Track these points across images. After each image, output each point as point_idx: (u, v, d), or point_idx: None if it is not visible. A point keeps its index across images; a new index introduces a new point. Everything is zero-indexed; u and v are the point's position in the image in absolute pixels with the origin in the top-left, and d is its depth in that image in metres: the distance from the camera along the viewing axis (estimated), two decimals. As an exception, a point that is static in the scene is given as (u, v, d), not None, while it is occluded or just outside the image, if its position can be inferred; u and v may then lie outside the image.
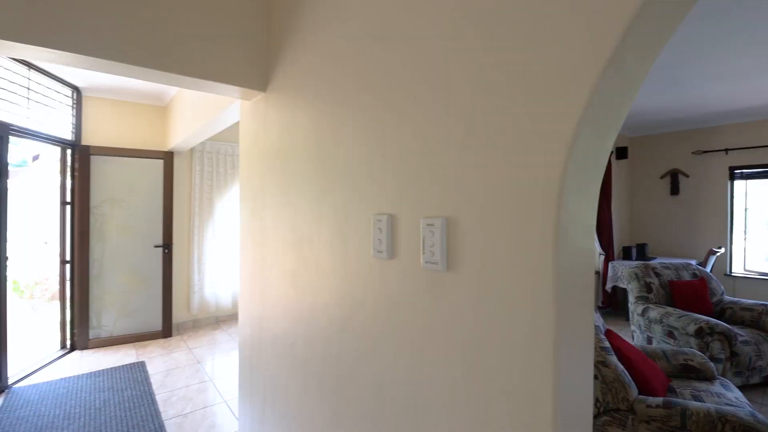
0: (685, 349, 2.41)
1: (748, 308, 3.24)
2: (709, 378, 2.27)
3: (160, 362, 3.59)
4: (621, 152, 5.47)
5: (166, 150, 4.33)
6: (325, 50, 1.43)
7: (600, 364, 1.93)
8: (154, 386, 3.10)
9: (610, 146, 0.81)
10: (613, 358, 1.95)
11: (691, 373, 2.30)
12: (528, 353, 0.77)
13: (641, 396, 1.85)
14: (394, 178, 1.10)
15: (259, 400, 1.95)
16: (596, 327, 2.02)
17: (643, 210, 5.90)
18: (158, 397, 2.92)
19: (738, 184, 5.23)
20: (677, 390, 2.12)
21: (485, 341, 0.85)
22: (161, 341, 4.15)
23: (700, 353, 2.35)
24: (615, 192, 5.42)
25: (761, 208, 5.12)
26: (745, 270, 5.20)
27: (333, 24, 1.39)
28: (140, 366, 3.45)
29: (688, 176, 5.46)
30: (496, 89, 0.83)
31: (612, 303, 4.96)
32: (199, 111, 3.18)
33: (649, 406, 1.77)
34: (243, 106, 2.19)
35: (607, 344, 1.99)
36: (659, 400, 1.78)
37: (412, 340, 1.04)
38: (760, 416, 1.64)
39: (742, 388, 3.00)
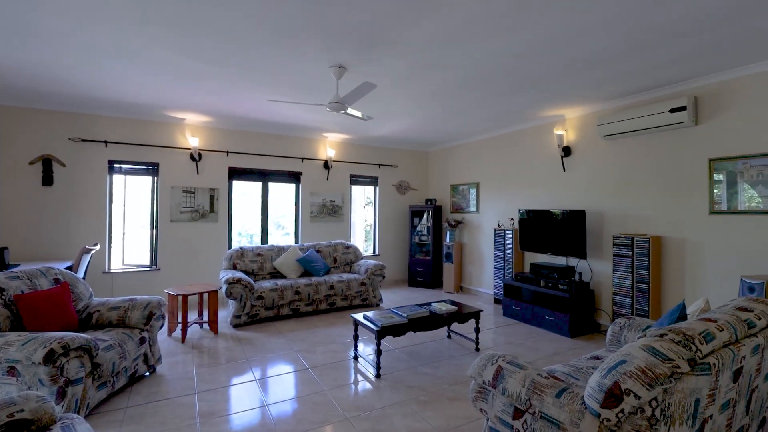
0: (14, 395, 1.64)
1: (116, 307, 3.00)
2: (51, 425, 1.64)
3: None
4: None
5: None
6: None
7: None
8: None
9: None
10: None
11: (26, 429, 1.57)
12: None
13: None
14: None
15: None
16: None
17: (6, 203, 4.48)
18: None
19: (117, 178, 5.19)
20: (-15, 480, 1.30)
21: None
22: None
23: (36, 393, 1.66)
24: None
25: (139, 203, 5.37)
26: (123, 265, 5.25)
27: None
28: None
29: (64, 165, 4.73)
30: None
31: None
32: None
33: None
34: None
35: None
36: None
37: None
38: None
39: (109, 397, 2.69)
